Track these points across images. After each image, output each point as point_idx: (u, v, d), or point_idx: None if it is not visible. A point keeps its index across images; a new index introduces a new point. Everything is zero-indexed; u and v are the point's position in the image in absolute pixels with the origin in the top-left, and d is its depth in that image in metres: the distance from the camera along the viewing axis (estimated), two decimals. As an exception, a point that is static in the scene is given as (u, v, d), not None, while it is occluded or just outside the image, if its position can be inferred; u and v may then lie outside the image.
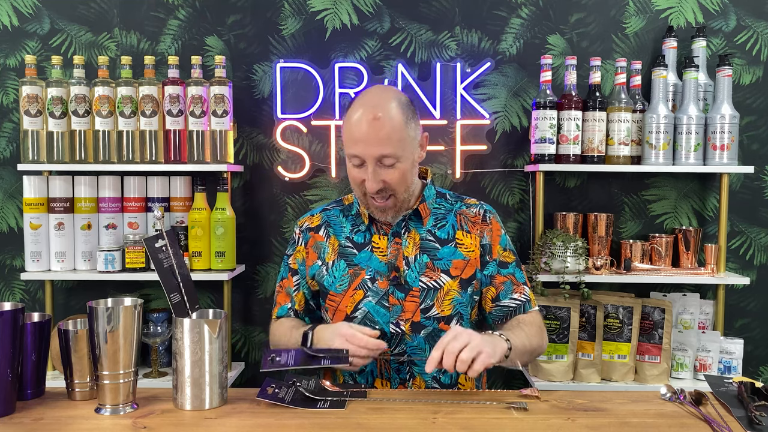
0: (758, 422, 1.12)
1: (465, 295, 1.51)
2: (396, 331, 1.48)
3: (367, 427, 1.10)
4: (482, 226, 1.56)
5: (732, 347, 2.32)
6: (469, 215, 1.57)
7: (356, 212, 1.58)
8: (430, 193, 1.58)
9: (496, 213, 1.61)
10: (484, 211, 1.58)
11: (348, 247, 1.54)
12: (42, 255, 2.30)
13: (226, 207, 2.32)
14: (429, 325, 1.48)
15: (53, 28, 2.51)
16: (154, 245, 1.21)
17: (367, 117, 1.39)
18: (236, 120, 2.49)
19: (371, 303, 1.49)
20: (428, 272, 1.50)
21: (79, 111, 2.27)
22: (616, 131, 2.35)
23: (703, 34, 2.41)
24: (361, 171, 1.43)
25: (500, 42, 2.52)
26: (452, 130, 2.51)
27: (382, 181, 1.42)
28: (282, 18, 2.52)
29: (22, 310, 1.17)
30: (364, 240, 1.54)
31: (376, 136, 1.39)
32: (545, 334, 1.54)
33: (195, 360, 1.15)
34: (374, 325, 1.47)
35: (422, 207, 1.54)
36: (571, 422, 1.13)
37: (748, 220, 2.56)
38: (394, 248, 1.51)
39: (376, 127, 1.39)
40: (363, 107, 1.41)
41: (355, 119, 1.41)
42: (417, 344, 1.48)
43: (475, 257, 1.53)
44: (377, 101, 1.42)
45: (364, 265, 1.51)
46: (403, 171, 1.44)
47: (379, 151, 1.40)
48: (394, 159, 1.42)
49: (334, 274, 1.53)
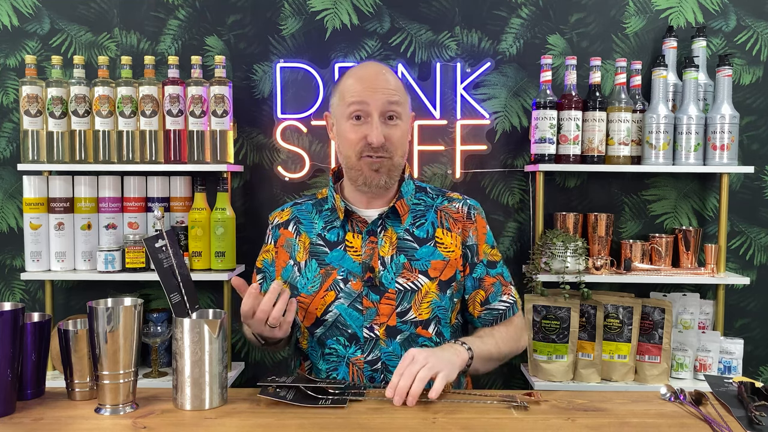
0: (758, 422, 1.11)
1: (444, 298, 1.43)
2: (370, 335, 1.39)
3: (367, 427, 1.10)
4: (465, 224, 1.49)
5: (732, 347, 2.32)
6: (451, 211, 1.49)
7: (331, 206, 1.48)
8: (409, 188, 1.49)
9: (481, 208, 1.55)
10: (468, 207, 1.51)
11: (320, 245, 1.45)
12: (42, 255, 2.30)
13: (226, 207, 2.32)
14: (405, 329, 1.40)
15: (53, 28, 2.51)
16: (154, 245, 1.21)
17: (375, 69, 1.42)
18: (236, 120, 2.49)
19: (343, 305, 1.40)
20: (405, 273, 1.41)
21: (79, 111, 2.27)
22: (616, 131, 2.35)
23: (703, 34, 2.41)
24: (362, 127, 1.38)
25: (500, 42, 2.52)
26: (452, 130, 2.51)
27: (386, 135, 1.38)
28: (282, 18, 2.52)
29: (22, 310, 1.17)
30: (338, 238, 1.45)
31: (385, 83, 1.39)
32: (525, 335, 1.52)
33: (195, 360, 1.15)
34: (346, 328, 1.40)
35: (400, 204, 1.45)
36: (571, 422, 1.13)
37: (748, 220, 2.56)
38: (369, 247, 1.42)
39: (385, 77, 1.40)
40: (365, 66, 1.44)
41: (359, 74, 1.41)
42: (392, 350, 1.39)
43: (456, 258, 1.45)
44: (377, 65, 1.46)
45: (336, 264, 1.42)
46: (403, 131, 1.42)
47: (388, 97, 1.38)
48: (399, 113, 1.40)
49: (306, 276, 1.44)
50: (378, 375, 1.40)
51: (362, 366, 1.40)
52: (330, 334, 1.42)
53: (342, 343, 1.41)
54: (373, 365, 1.40)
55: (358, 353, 1.40)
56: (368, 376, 1.40)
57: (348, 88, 1.40)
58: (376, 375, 1.40)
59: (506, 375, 2.59)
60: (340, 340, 1.41)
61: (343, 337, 1.41)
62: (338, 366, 1.42)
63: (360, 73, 1.42)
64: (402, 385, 1.17)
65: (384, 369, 1.40)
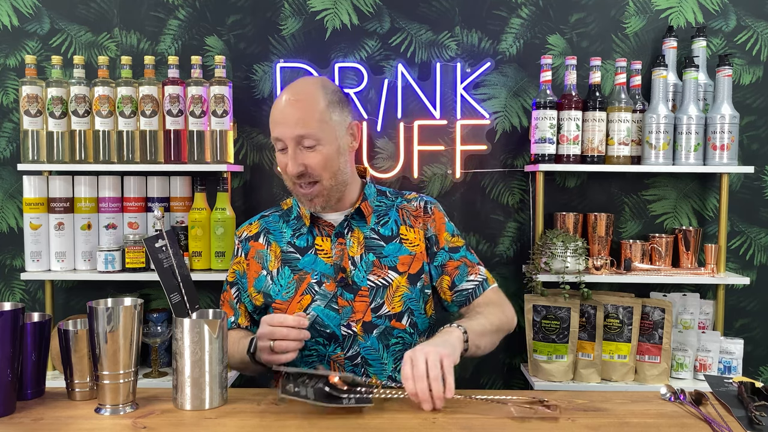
0: (758, 422, 1.12)
1: (414, 290, 1.48)
2: (348, 332, 1.44)
3: (367, 428, 1.10)
4: (425, 219, 1.54)
5: (732, 347, 2.32)
6: (410, 209, 1.55)
7: (297, 215, 1.54)
8: (371, 191, 1.56)
9: (437, 203, 1.59)
10: (424, 203, 1.56)
11: (291, 253, 1.50)
12: (42, 255, 2.30)
13: (226, 207, 2.32)
14: (381, 323, 1.45)
15: (53, 28, 2.51)
16: (154, 245, 1.21)
17: (287, 99, 1.42)
18: (236, 120, 2.49)
19: (320, 307, 1.45)
20: (375, 270, 1.46)
21: (79, 111, 2.27)
22: (616, 131, 2.35)
23: (703, 34, 2.41)
24: (285, 156, 1.41)
25: (500, 42, 2.52)
26: (452, 130, 2.51)
27: (303, 164, 1.40)
28: (282, 18, 2.52)
29: (22, 310, 1.17)
30: (307, 243, 1.50)
31: (293, 116, 1.39)
32: (509, 309, 1.51)
33: (195, 360, 1.15)
34: (325, 329, 1.44)
35: (364, 205, 1.51)
36: (571, 422, 1.13)
37: (748, 220, 2.56)
38: (338, 249, 1.48)
39: (294, 108, 1.40)
40: (285, 92, 1.44)
41: (276, 103, 1.44)
42: (370, 344, 1.45)
43: (421, 251, 1.51)
44: (299, 87, 1.45)
45: (309, 269, 1.47)
46: (325, 155, 1.41)
47: (297, 131, 1.38)
48: (314, 141, 1.39)
49: (279, 283, 1.48)
50: (359, 370, 1.45)
51: (343, 362, 1.45)
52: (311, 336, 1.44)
53: (322, 343, 1.46)
54: (353, 361, 1.45)
55: (338, 351, 1.45)
56: (349, 371, 1.45)
57: (270, 118, 1.45)
58: (357, 370, 1.45)
59: (506, 375, 2.59)
60: (319, 340, 1.46)
61: (322, 337, 1.46)
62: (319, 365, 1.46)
63: (276, 103, 1.44)
64: (421, 388, 1.16)
65: (364, 363, 1.45)
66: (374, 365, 1.45)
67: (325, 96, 1.42)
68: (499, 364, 2.59)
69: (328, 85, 1.46)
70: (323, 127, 1.40)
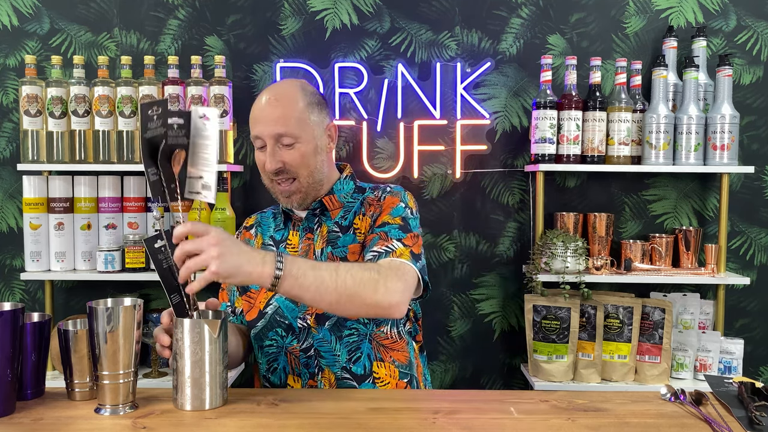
0: (758, 422, 1.11)
1: None
2: (303, 325, 1.46)
3: (367, 427, 1.10)
4: (375, 206, 1.50)
5: (732, 347, 2.32)
6: (370, 199, 1.52)
7: (280, 211, 1.60)
8: (345, 186, 1.55)
9: (400, 192, 1.52)
10: (381, 192, 1.52)
11: (269, 245, 1.56)
12: (42, 255, 2.30)
13: (226, 207, 2.32)
14: (332, 316, 1.43)
15: (53, 28, 2.51)
16: (153, 245, 1.21)
17: (267, 98, 1.45)
18: (236, 120, 2.48)
19: (281, 298, 1.47)
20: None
21: (78, 111, 2.27)
22: (616, 131, 2.35)
23: (703, 34, 2.41)
24: (263, 153, 1.45)
25: (500, 42, 2.52)
26: (452, 130, 2.51)
27: (282, 161, 1.44)
28: (282, 18, 2.52)
29: (22, 310, 1.17)
30: (282, 237, 1.56)
31: (272, 114, 1.43)
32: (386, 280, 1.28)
33: (195, 360, 1.15)
34: (283, 320, 1.47)
35: (327, 199, 1.52)
36: (571, 422, 1.13)
37: (748, 220, 2.56)
38: (305, 243, 1.51)
39: (273, 106, 1.44)
40: (266, 93, 1.48)
41: (256, 103, 1.47)
42: (322, 336, 1.45)
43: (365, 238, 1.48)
44: (279, 87, 1.50)
45: None
46: (303, 153, 1.44)
47: (276, 129, 1.42)
48: (293, 139, 1.43)
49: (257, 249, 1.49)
50: (312, 361, 1.47)
51: (298, 354, 1.47)
52: (270, 327, 1.49)
53: (280, 335, 1.49)
54: (307, 353, 1.47)
55: (294, 342, 1.47)
56: (303, 363, 1.47)
57: (250, 117, 1.48)
58: (310, 361, 1.47)
59: (506, 375, 2.59)
60: (278, 331, 1.49)
61: (281, 328, 1.48)
62: (278, 356, 1.49)
63: (257, 103, 1.47)
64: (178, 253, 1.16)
65: (317, 355, 1.46)
66: (326, 357, 1.45)
67: (304, 97, 1.47)
68: (499, 364, 2.59)
69: (307, 87, 1.51)
70: (302, 125, 1.44)
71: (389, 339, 1.49)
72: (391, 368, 1.48)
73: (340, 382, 1.45)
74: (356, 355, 1.46)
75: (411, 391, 1.42)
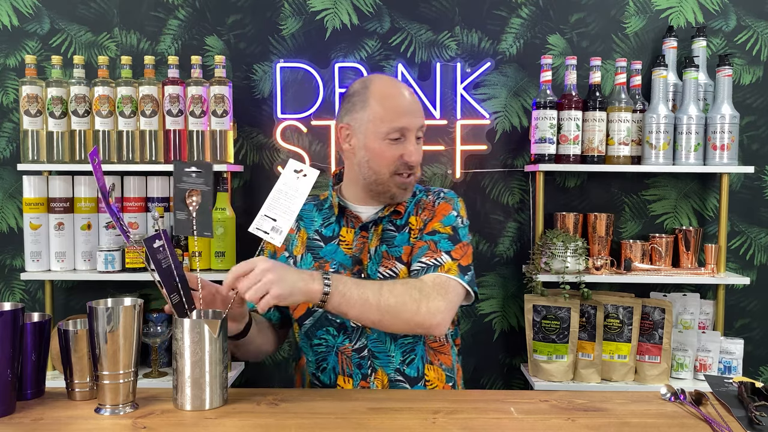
0: (758, 422, 1.11)
1: None
2: (356, 325, 1.43)
3: (367, 427, 1.10)
4: (429, 211, 1.51)
5: (732, 347, 2.32)
6: (425, 202, 1.53)
7: (329, 205, 1.55)
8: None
9: (453, 198, 1.53)
10: (436, 197, 1.54)
11: (316, 240, 1.52)
12: (42, 255, 2.30)
13: (226, 207, 2.32)
14: None
15: (53, 28, 2.51)
16: (152, 245, 1.21)
17: (408, 91, 1.50)
18: (236, 120, 2.48)
19: None
20: (384, 262, 1.46)
21: (79, 111, 2.27)
22: (616, 131, 2.35)
23: (703, 34, 2.41)
24: (398, 147, 1.44)
25: (500, 42, 2.52)
26: (452, 130, 2.51)
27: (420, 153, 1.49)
28: (282, 18, 2.52)
29: (22, 310, 1.17)
30: (333, 233, 1.51)
31: (418, 107, 1.48)
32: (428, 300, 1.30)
33: (195, 360, 1.15)
34: (335, 318, 1.43)
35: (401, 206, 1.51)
36: (571, 422, 1.13)
37: (748, 220, 2.56)
38: (360, 242, 1.48)
39: (416, 100, 1.49)
40: (393, 84, 1.50)
41: (396, 93, 1.46)
42: (377, 337, 1.43)
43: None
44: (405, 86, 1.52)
45: (329, 258, 1.48)
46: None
47: (422, 121, 1.48)
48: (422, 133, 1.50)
49: (301, 268, 1.48)
50: (365, 362, 1.44)
51: (350, 354, 1.45)
52: (320, 325, 1.46)
53: (332, 333, 1.46)
54: (360, 353, 1.44)
55: (346, 342, 1.45)
56: (356, 363, 1.45)
57: (390, 108, 1.44)
58: (363, 362, 1.45)
59: (506, 375, 2.59)
60: (329, 330, 1.46)
61: (333, 327, 1.46)
62: (327, 356, 1.47)
63: (396, 94, 1.46)
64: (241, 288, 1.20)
65: (370, 356, 1.44)
66: (381, 357, 1.44)
67: None
68: (499, 364, 2.59)
69: None
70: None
71: (437, 342, 1.48)
72: (439, 371, 1.48)
73: (393, 384, 1.44)
74: (410, 357, 1.44)
75: (411, 391, 1.42)
